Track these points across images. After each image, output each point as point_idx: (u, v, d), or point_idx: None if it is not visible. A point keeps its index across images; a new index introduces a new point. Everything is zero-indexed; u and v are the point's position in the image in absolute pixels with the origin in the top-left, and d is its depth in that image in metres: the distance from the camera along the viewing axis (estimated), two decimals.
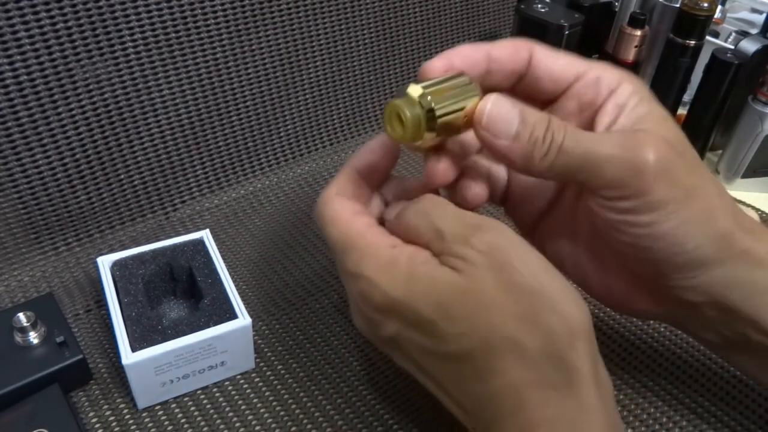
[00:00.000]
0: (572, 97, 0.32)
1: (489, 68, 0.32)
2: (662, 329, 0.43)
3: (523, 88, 0.33)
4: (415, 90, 0.28)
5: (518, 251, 0.28)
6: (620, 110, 0.31)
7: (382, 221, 0.33)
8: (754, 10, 0.73)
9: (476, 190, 0.34)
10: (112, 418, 0.36)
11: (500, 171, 0.37)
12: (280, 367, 0.40)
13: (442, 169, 0.32)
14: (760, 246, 0.30)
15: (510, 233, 0.28)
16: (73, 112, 0.44)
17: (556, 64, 0.32)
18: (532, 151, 0.29)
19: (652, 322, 0.44)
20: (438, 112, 0.28)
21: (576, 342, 0.27)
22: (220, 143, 0.53)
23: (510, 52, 0.32)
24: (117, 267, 0.40)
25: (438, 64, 0.31)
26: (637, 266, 0.32)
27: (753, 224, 0.31)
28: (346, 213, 0.31)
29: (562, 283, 0.28)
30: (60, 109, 0.44)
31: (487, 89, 0.31)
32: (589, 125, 0.32)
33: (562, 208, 0.35)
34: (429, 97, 0.28)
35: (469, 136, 0.32)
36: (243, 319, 0.37)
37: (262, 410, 0.37)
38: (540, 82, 0.32)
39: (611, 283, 0.34)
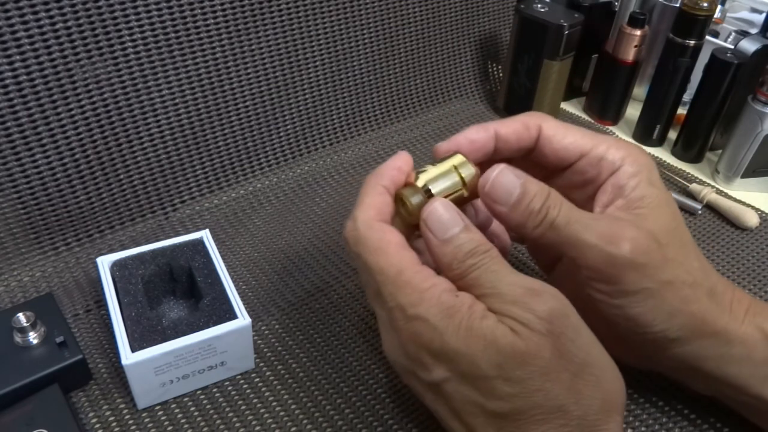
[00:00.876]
0: (577, 173, 0.34)
1: (497, 147, 0.34)
2: None
3: (531, 159, 0.35)
4: (417, 180, 0.32)
5: (573, 322, 0.29)
6: (619, 191, 0.33)
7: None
8: (754, 10, 0.73)
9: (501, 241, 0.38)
10: (111, 418, 0.36)
11: None
12: (279, 367, 0.40)
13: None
14: (734, 324, 0.32)
15: (566, 303, 0.30)
16: (73, 113, 0.44)
17: (562, 143, 0.34)
18: (526, 221, 0.31)
19: None
20: (434, 192, 0.32)
21: (613, 415, 0.29)
22: (220, 143, 0.53)
23: (517, 131, 0.34)
24: (117, 267, 0.40)
25: (445, 148, 0.34)
26: (618, 333, 0.34)
27: (733, 300, 0.33)
28: (394, 244, 0.31)
29: (606, 357, 0.30)
30: (59, 110, 0.44)
31: (495, 160, 0.33)
32: (591, 199, 0.34)
33: (565, 264, 0.38)
34: (428, 185, 0.32)
35: None
36: (243, 320, 0.37)
37: (261, 410, 0.37)
38: (546, 158, 0.35)
39: (601, 338, 0.37)
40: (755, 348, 0.32)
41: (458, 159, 0.33)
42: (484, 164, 0.34)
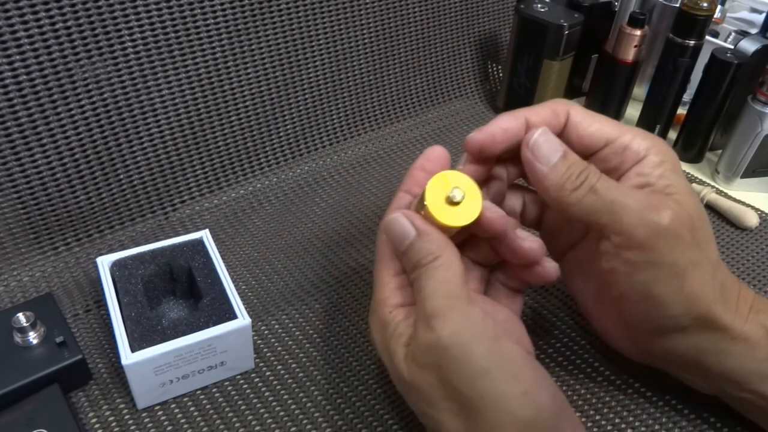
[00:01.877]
0: (600, 161, 0.34)
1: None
2: None
3: None
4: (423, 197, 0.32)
5: (456, 353, 0.29)
6: (644, 179, 0.33)
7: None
8: (754, 10, 0.73)
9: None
10: (111, 418, 0.36)
11: (535, 200, 0.39)
12: (279, 367, 0.40)
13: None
14: (738, 322, 0.33)
15: (459, 331, 0.29)
16: (73, 113, 0.44)
17: (588, 130, 0.34)
18: (564, 183, 0.31)
19: None
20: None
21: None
22: (220, 143, 0.53)
23: (547, 117, 0.34)
24: (116, 267, 0.40)
25: (479, 137, 0.33)
26: (627, 318, 0.34)
27: (739, 297, 0.34)
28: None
29: (498, 389, 0.29)
30: (59, 110, 0.44)
31: None
32: None
33: (583, 250, 0.38)
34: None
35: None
36: (242, 319, 0.37)
37: (261, 410, 0.37)
38: (571, 145, 0.34)
39: (608, 326, 0.37)
40: (757, 345, 0.33)
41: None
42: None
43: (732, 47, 0.58)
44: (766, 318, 0.33)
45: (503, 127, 0.33)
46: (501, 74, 0.72)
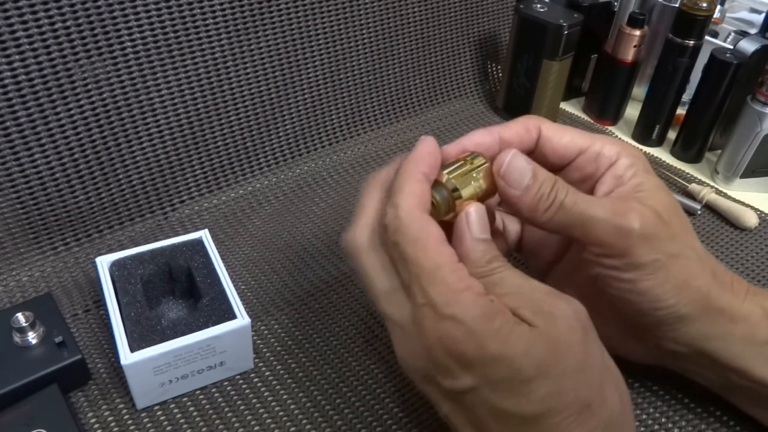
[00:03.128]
0: (575, 170, 0.36)
1: (501, 149, 0.35)
2: None
3: (533, 159, 0.36)
4: (441, 176, 0.32)
5: (593, 324, 0.30)
6: (618, 181, 0.34)
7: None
8: (753, 10, 0.73)
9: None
10: (110, 418, 0.36)
11: (514, 224, 0.41)
12: (278, 367, 0.40)
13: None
14: (736, 302, 0.34)
15: (581, 307, 0.30)
16: (72, 113, 0.44)
17: (560, 142, 0.35)
18: (537, 204, 0.32)
19: None
20: (461, 191, 0.32)
21: (631, 420, 0.30)
22: (219, 143, 0.53)
23: (519, 133, 0.35)
24: (116, 267, 0.40)
25: (453, 150, 0.34)
26: (626, 317, 0.35)
27: (733, 280, 0.35)
28: (435, 238, 0.30)
29: (614, 364, 0.31)
30: (59, 110, 0.44)
31: None
32: (590, 193, 0.35)
33: (567, 261, 0.39)
34: (453, 181, 0.32)
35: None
36: (242, 320, 0.37)
37: (260, 410, 0.37)
38: (546, 158, 0.36)
39: (607, 330, 0.37)
40: (758, 326, 0.33)
41: (478, 158, 0.33)
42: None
43: (731, 47, 0.58)
44: (763, 299, 0.34)
45: (476, 141, 0.35)
46: (500, 74, 0.72)
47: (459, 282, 0.29)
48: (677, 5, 0.62)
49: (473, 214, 0.32)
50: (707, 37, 0.61)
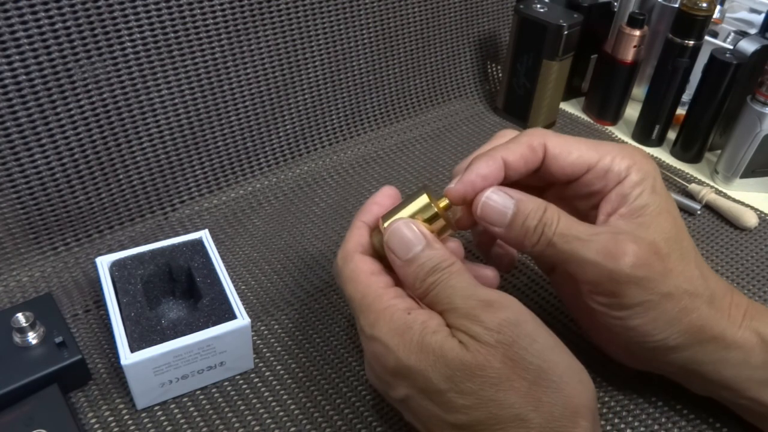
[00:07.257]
0: (583, 185, 0.35)
1: (506, 174, 0.34)
2: None
3: (539, 176, 0.36)
4: (381, 223, 0.34)
5: (527, 329, 0.29)
6: (623, 200, 0.33)
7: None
8: (753, 10, 0.73)
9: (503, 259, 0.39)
10: (111, 418, 0.36)
11: None
12: (279, 367, 0.40)
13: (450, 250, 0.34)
14: (731, 330, 0.33)
15: (521, 311, 0.30)
16: (72, 113, 0.44)
17: (567, 160, 0.34)
18: (523, 240, 0.32)
19: None
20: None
21: (578, 420, 0.28)
22: (219, 143, 0.53)
23: (524, 155, 0.34)
24: (116, 267, 0.40)
25: (460, 189, 0.34)
26: (618, 339, 0.35)
27: (732, 304, 0.34)
28: (365, 272, 0.33)
29: (568, 361, 0.30)
30: (59, 110, 0.44)
31: (506, 183, 0.34)
32: (595, 207, 0.35)
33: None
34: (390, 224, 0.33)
35: None
36: (242, 320, 0.37)
37: (261, 411, 0.37)
38: (553, 176, 0.35)
39: (602, 339, 0.38)
40: (752, 352, 0.33)
41: (421, 197, 0.34)
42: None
43: (731, 47, 0.58)
44: (759, 325, 0.33)
45: (482, 174, 0.34)
46: (500, 74, 0.72)
47: (380, 305, 0.31)
48: (677, 5, 0.62)
49: (393, 237, 0.32)
50: (707, 38, 0.61)
